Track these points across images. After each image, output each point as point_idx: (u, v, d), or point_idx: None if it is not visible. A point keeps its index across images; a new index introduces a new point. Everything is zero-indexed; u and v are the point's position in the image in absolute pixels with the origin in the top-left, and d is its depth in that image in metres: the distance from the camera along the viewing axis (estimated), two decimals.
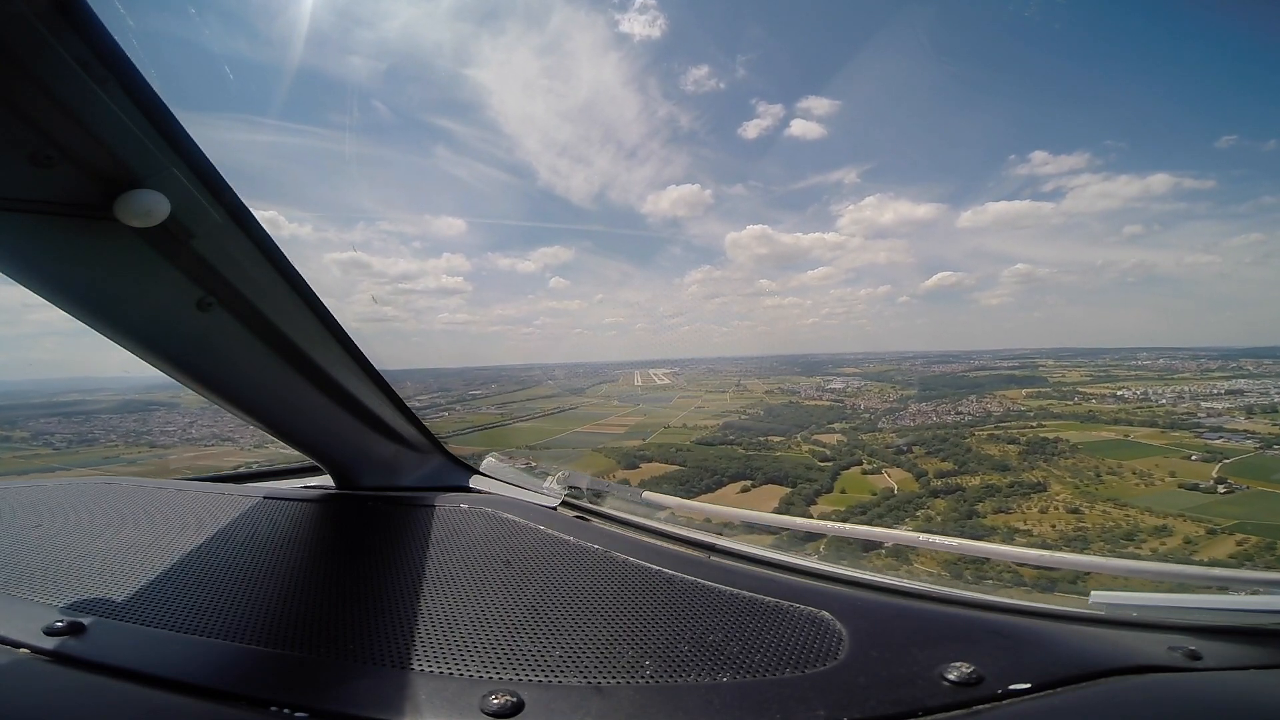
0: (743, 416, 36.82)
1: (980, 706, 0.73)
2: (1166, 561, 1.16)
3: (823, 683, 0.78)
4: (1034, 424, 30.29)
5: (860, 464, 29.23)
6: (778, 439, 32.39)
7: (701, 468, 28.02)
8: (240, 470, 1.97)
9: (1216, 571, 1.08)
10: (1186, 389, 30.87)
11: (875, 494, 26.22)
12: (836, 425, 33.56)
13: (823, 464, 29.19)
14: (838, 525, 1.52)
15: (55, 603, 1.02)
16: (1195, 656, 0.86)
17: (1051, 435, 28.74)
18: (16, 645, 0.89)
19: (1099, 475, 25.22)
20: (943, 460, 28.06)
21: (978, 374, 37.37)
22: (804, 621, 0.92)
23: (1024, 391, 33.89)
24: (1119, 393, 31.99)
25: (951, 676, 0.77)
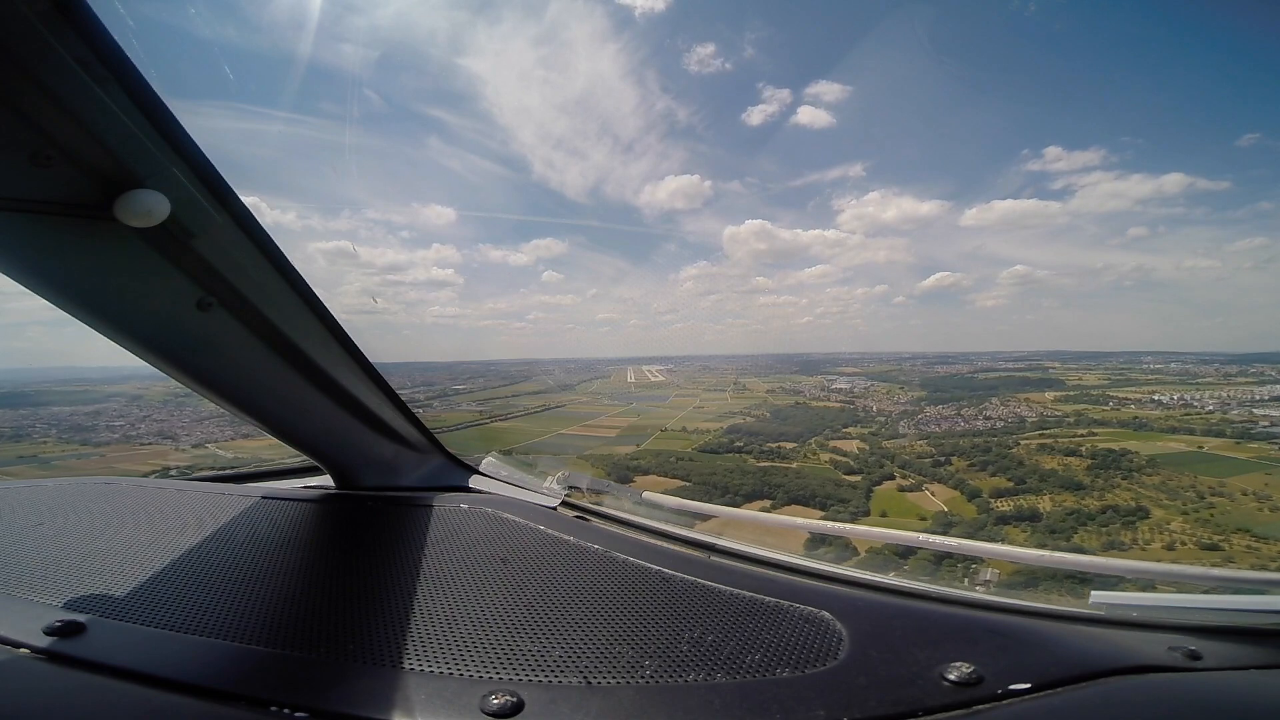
0: (748, 418, 33.87)
1: (980, 706, 0.73)
2: (1166, 562, 1.16)
3: (822, 683, 0.78)
4: (1083, 432, 27.07)
5: (893, 478, 25.76)
6: (790, 445, 29.40)
7: (709, 483, 24.53)
8: (240, 470, 1.97)
9: (1216, 571, 1.08)
10: (1225, 394, 28.66)
11: (925, 518, 22.60)
12: (853, 430, 30.70)
13: (849, 477, 25.82)
14: (837, 525, 1.52)
15: (55, 603, 1.02)
16: (1195, 656, 0.86)
17: (1115, 446, 25.29)
18: (16, 645, 0.89)
19: (1202, 496, 21.45)
20: (992, 475, 24.56)
21: (985, 375, 35.45)
22: (804, 621, 0.92)
23: (1049, 395, 31.39)
24: (1155, 397, 29.52)
25: (951, 676, 0.77)
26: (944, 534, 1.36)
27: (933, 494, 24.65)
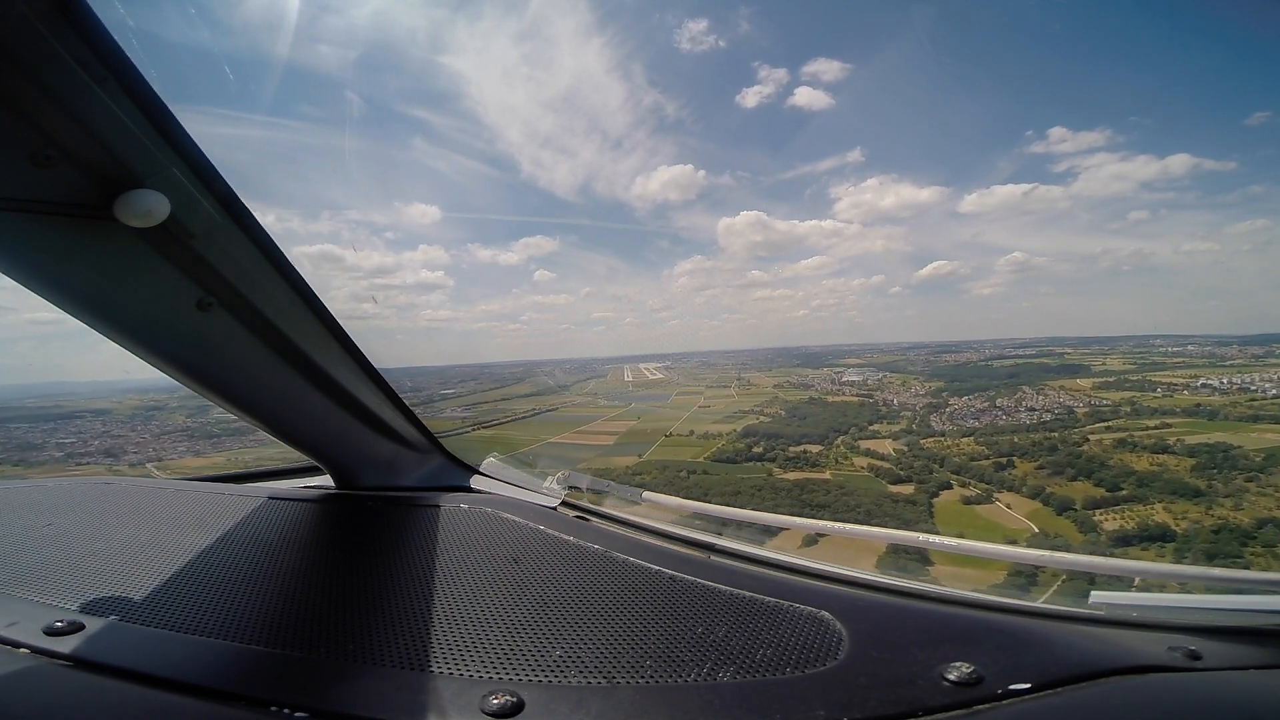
0: (762, 418, 28.95)
1: (980, 706, 0.73)
2: (1166, 561, 1.16)
3: (823, 683, 0.78)
4: (1153, 424, 22.98)
5: (951, 487, 21.32)
6: (816, 449, 25.12)
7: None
8: (241, 470, 1.97)
9: (1216, 571, 1.08)
10: (1277, 375, 24.53)
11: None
12: (880, 427, 26.54)
13: (897, 488, 21.75)
14: (838, 525, 1.52)
15: (55, 603, 1.02)
16: (1195, 656, 0.86)
17: (1206, 439, 20.98)
18: (17, 645, 0.89)
19: None
20: (1073, 479, 20.26)
21: (1000, 363, 31.79)
22: (804, 621, 0.92)
23: (1086, 382, 27.37)
24: (1206, 382, 25.55)
25: (951, 676, 0.77)
26: (943, 535, 1.35)
27: (1008, 506, 20.19)
